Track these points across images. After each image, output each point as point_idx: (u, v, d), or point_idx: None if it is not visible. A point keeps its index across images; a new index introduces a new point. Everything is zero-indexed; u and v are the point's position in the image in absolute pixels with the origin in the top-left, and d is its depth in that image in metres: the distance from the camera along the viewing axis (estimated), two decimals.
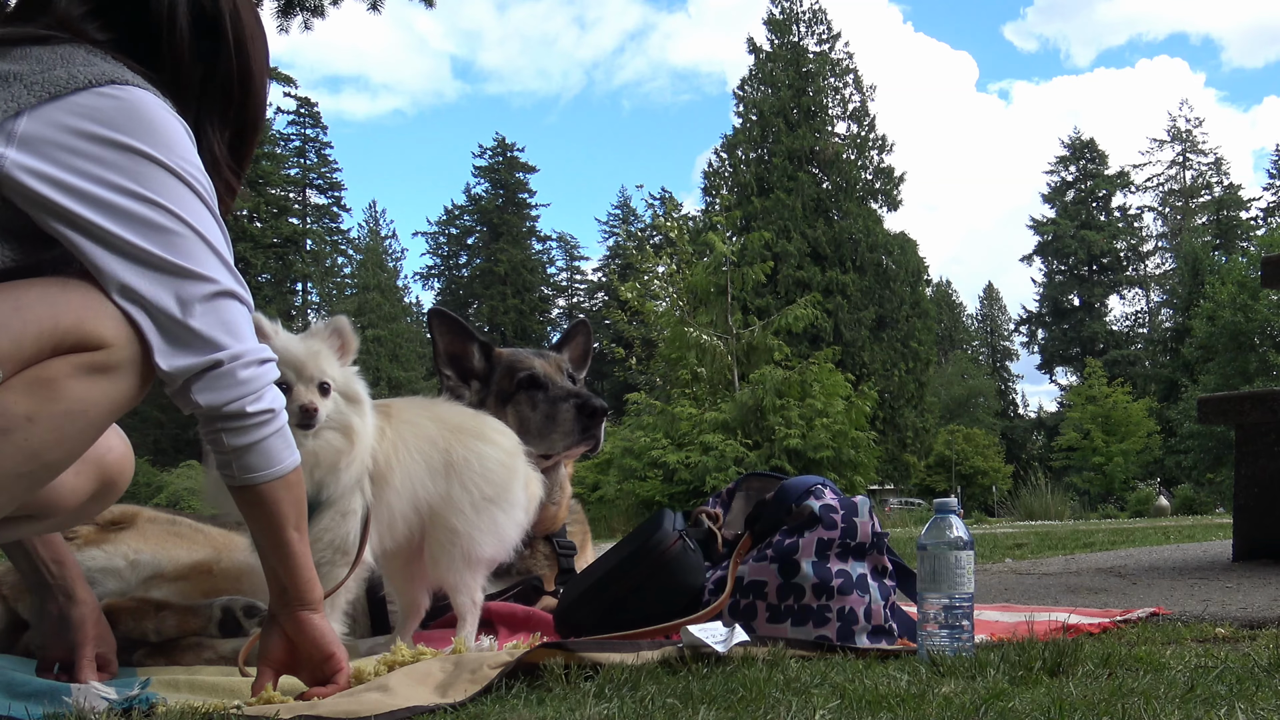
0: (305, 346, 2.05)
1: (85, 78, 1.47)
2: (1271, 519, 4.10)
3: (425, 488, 2.17)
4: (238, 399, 1.55)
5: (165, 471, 35.67)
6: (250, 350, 1.57)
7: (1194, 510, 24.94)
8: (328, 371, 2.05)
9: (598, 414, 2.85)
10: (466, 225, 63.03)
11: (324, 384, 2.04)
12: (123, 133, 1.47)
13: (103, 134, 1.46)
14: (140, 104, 1.50)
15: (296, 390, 2.00)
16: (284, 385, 1.99)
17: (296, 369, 2.01)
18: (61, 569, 1.93)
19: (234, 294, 1.56)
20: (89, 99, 1.46)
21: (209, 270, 1.53)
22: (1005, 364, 69.06)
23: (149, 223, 1.48)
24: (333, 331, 2.10)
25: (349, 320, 2.14)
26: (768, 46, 48.82)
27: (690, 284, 24.44)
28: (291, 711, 1.55)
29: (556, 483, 2.94)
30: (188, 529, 2.47)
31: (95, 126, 1.46)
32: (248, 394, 1.55)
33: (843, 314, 44.17)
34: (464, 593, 2.23)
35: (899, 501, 35.56)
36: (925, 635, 1.95)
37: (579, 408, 2.85)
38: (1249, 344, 35.99)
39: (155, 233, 1.48)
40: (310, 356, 2.03)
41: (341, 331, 2.11)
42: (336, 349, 2.10)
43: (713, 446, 20.06)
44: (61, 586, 1.91)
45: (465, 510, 2.21)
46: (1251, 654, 1.80)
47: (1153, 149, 62.52)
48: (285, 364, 1.99)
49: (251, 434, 1.57)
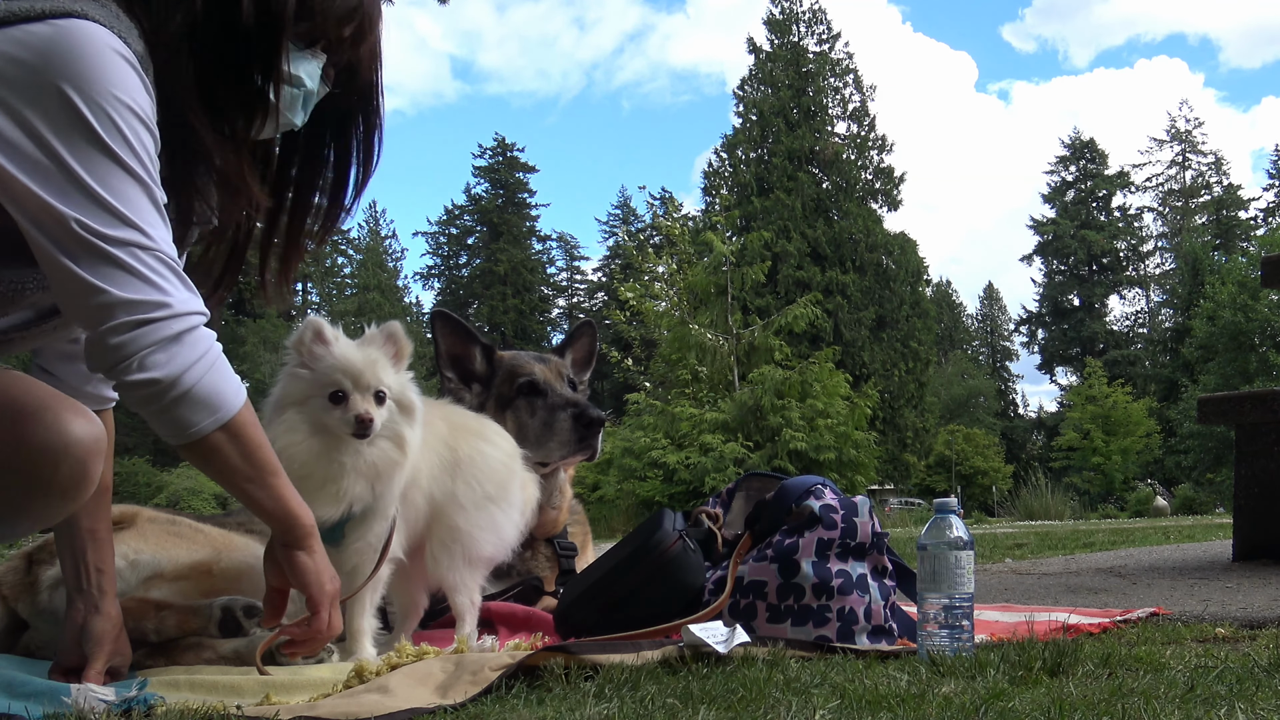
0: (363, 355, 2.04)
1: (39, 9, 1.47)
2: (1271, 519, 4.10)
3: (437, 484, 2.20)
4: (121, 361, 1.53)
5: (165, 471, 35.69)
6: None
7: (1194, 510, 24.93)
8: (384, 380, 2.05)
9: (595, 424, 2.85)
10: (466, 225, 63.03)
11: (379, 393, 2.04)
12: (43, 66, 1.46)
13: (27, 61, 1.46)
14: (70, 37, 1.48)
15: (352, 399, 2.01)
16: (340, 394, 2.02)
17: (353, 378, 2.02)
18: (100, 577, 1.92)
19: (112, 240, 1.51)
20: (31, 29, 1.47)
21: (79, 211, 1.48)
22: (1005, 364, 69.08)
23: (30, 158, 1.47)
24: (387, 337, 2.10)
25: (401, 326, 2.13)
26: (768, 46, 48.82)
27: (690, 284, 24.45)
28: (291, 712, 1.55)
29: (556, 487, 2.94)
30: (188, 529, 2.46)
31: (23, 53, 1.46)
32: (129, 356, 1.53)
33: (843, 314, 44.17)
34: (463, 592, 2.25)
35: (899, 501, 35.56)
36: (925, 635, 1.95)
37: (576, 417, 2.85)
38: (1249, 344, 35.97)
39: (33, 168, 1.47)
40: (367, 365, 2.03)
41: (395, 337, 2.10)
42: (391, 355, 2.09)
43: (713, 447, 20.07)
44: (90, 595, 1.90)
45: (468, 508, 2.23)
46: (1251, 654, 1.80)
47: (1152, 149, 62.62)
48: (342, 372, 2.02)
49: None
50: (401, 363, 2.11)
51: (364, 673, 1.78)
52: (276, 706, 1.59)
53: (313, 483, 2.01)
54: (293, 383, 2.05)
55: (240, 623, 2.19)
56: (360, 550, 2.08)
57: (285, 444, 2.00)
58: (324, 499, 2.01)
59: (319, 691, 1.71)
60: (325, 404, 2.02)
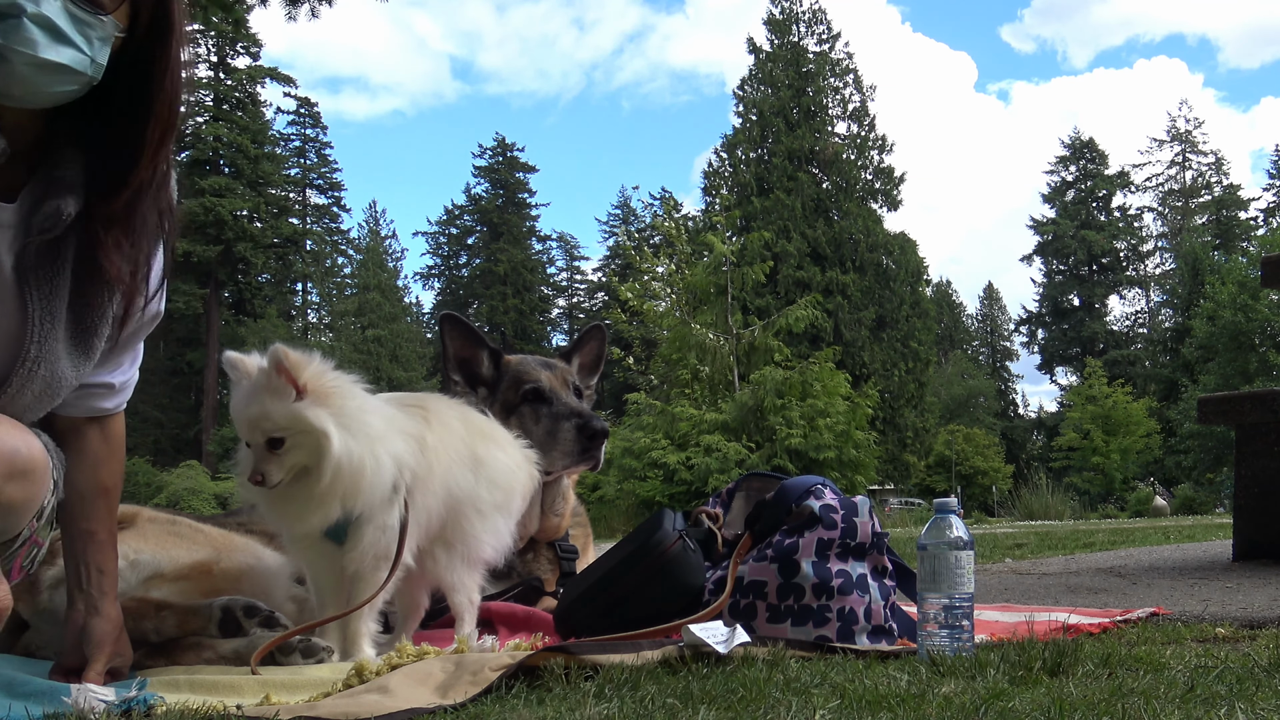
0: (247, 406, 1.94)
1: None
2: (1271, 519, 4.10)
3: (458, 484, 2.19)
4: None
5: (165, 471, 35.72)
6: None
7: (1194, 510, 24.93)
8: (276, 426, 1.93)
9: (599, 436, 2.85)
10: (466, 225, 63.02)
11: (273, 439, 1.95)
12: None
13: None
14: None
15: (245, 458, 1.99)
16: (247, 444, 2.00)
17: (245, 432, 1.98)
18: (100, 578, 1.92)
19: None
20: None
21: None
22: (1005, 364, 69.06)
23: None
24: (277, 369, 1.92)
25: (283, 347, 1.92)
26: (768, 46, 48.79)
27: (690, 284, 24.45)
28: (291, 712, 1.55)
29: (559, 494, 2.94)
30: (187, 529, 2.46)
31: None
32: None
33: (843, 314, 44.15)
34: (462, 592, 2.25)
35: (899, 501, 35.56)
36: (925, 635, 1.95)
37: (580, 428, 2.84)
38: (1249, 344, 35.98)
39: None
40: (251, 420, 1.94)
41: (283, 365, 1.92)
42: (283, 388, 1.94)
43: (714, 448, 20.07)
44: (90, 596, 1.90)
45: (484, 511, 2.24)
46: (1251, 654, 1.80)
47: (1152, 149, 62.63)
48: (239, 425, 1.99)
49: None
50: (298, 387, 1.94)
51: (364, 672, 1.78)
52: (276, 706, 1.59)
53: (275, 514, 2.07)
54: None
55: (240, 623, 2.19)
56: (357, 558, 2.07)
57: (238, 484, 2.05)
58: (296, 525, 2.05)
59: (319, 691, 1.71)
60: (245, 450, 2.01)
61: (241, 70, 48.86)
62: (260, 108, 50.45)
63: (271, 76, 50.63)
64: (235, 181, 47.61)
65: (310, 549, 2.13)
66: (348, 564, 2.08)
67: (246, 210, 47.97)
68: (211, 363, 46.00)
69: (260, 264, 49.51)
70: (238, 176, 48.08)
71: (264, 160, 49.40)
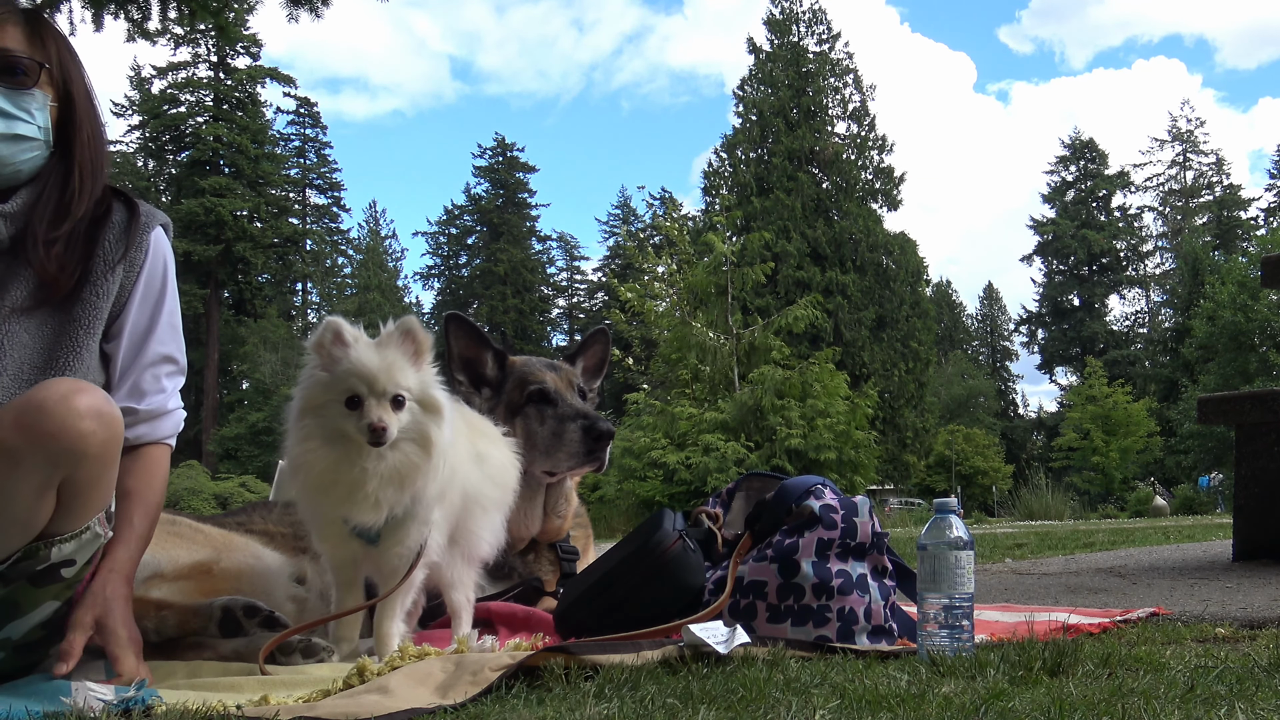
0: (379, 358, 1.97)
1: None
2: (1271, 519, 4.10)
3: (467, 483, 2.20)
4: None
5: None
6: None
7: (1194, 510, 24.93)
8: (402, 383, 1.98)
9: (604, 437, 2.84)
10: (466, 225, 63.01)
11: (398, 397, 1.97)
12: None
13: None
14: None
15: (367, 406, 1.95)
16: (355, 399, 1.96)
17: (369, 383, 1.95)
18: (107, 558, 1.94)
19: None
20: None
21: None
22: (1005, 364, 69.06)
23: None
24: (404, 334, 2.02)
25: (417, 320, 2.04)
26: (767, 46, 48.78)
27: (690, 284, 24.45)
28: (291, 712, 1.55)
29: (562, 495, 2.94)
30: (187, 529, 2.46)
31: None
32: None
33: (843, 314, 44.14)
34: (461, 590, 2.26)
35: (899, 501, 35.56)
36: (925, 635, 1.95)
37: (586, 429, 2.84)
38: (1249, 344, 35.96)
39: None
40: (383, 369, 1.96)
41: (413, 334, 2.02)
42: (410, 354, 2.01)
43: (713, 447, 20.07)
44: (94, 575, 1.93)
45: (487, 508, 2.25)
46: (1251, 654, 1.80)
47: (1153, 149, 62.62)
48: (357, 377, 1.95)
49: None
50: (422, 360, 2.04)
51: (365, 672, 1.78)
52: (276, 706, 1.59)
53: (339, 490, 1.98)
54: (312, 388, 2.01)
55: (240, 623, 2.19)
56: (400, 554, 2.06)
57: (300, 452, 1.97)
58: (358, 507, 1.98)
59: (319, 691, 1.71)
60: (342, 410, 1.97)
61: (241, 70, 48.85)
62: (260, 108, 50.45)
63: (271, 76, 50.63)
64: (235, 181, 47.62)
65: (341, 546, 2.10)
66: (387, 560, 2.07)
67: (246, 210, 47.96)
68: (211, 363, 46.00)
69: (260, 264, 49.51)
70: (238, 176, 48.07)
71: (264, 160, 49.40)
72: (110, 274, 2.03)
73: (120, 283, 2.05)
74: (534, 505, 2.86)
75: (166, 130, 49.70)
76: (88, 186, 2.03)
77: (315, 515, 2.11)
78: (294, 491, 2.10)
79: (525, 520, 2.83)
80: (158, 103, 49.20)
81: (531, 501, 2.84)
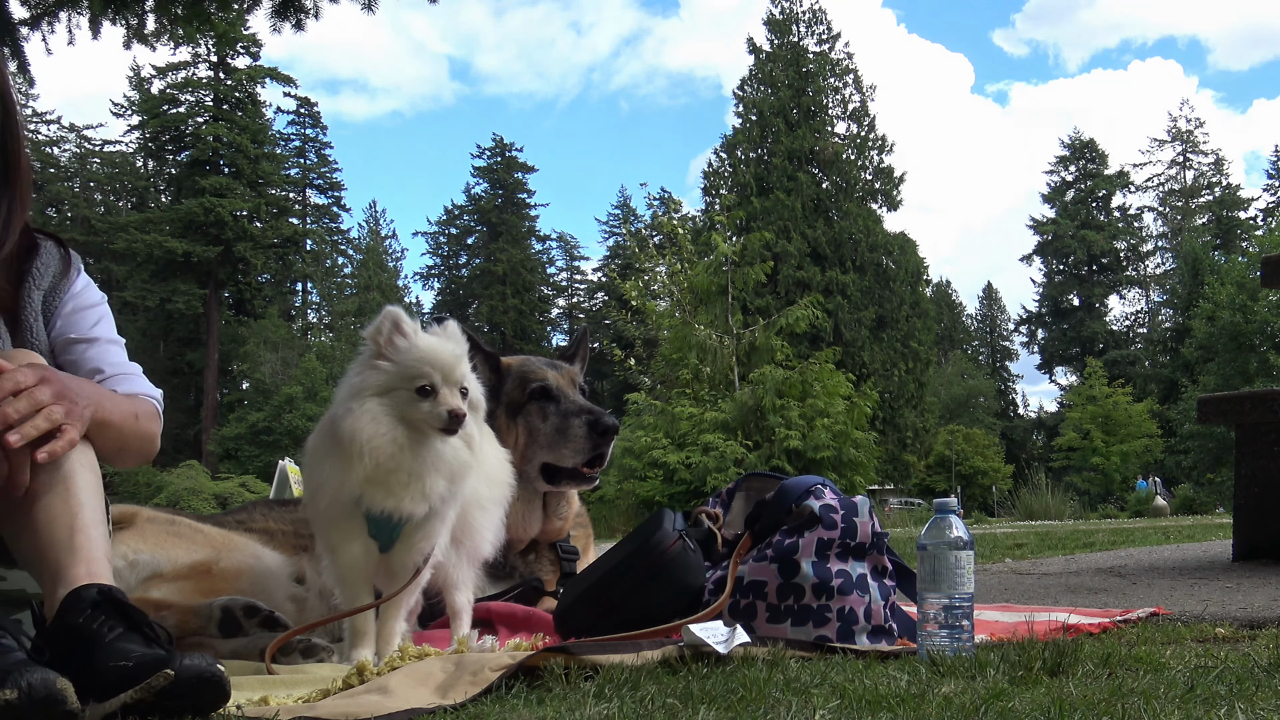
0: (449, 350, 2.01)
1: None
2: (1271, 519, 4.10)
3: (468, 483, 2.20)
4: None
5: (165, 471, 35.68)
6: None
7: (1194, 510, 24.93)
8: (467, 377, 2.02)
9: (609, 432, 2.84)
10: (466, 225, 63.02)
11: (464, 389, 2.01)
12: None
13: None
14: None
15: (443, 394, 1.96)
16: (428, 388, 1.96)
17: (443, 372, 1.97)
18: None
19: None
20: None
21: None
22: (1005, 364, 69.09)
23: None
24: (451, 335, 2.06)
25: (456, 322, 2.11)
26: (767, 47, 48.80)
27: (691, 284, 24.44)
28: (290, 712, 1.55)
29: (563, 497, 2.94)
30: (187, 529, 2.46)
31: None
32: None
33: (843, 314, 44.15)
34: (463, 590, 2.26)
35: (899, 501, 35.58)
36: (925, 635, 1.95)
37: (591, 425, 2.84)
38: (1249, 344, 35.96)
39: None
40: (455, 361, 2.00)
41: (457, 335, 2.07)
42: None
43: (713, 447, 20.06)
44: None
45: (487, 507, 2.25)
46: (1251, 654, 1.80)
47: (1153, 149, 62.60)
48: (431, 365, 1.97)
49: None
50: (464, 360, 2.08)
51: (364, 672, 1.78)
52: (276, 706, 1.59)
53: (400, 477, 1.97)
54: (372, 373, 2.00)
55: (240, 623, 2.19)
56: (421, 550, 2.06)
57: (372, 433, 1.95)
58: (411, 495, 1.98)
59: (319, 690, 1.71)
60: (411, 397, 1.97)
61: (241, 70, 48.86)
62: (260, 108, 50.47)
63: (271, 77, 50.64)
64: (235, 181, 47.62)
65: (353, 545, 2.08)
66: (402, 560, 2.07)
67: (246, 210, 47.97)
68: (211, 363, 46.03)
69: (260, 264, 49.51)
70: (238, 176, 48.08)
71: (264, 160, 49.41)
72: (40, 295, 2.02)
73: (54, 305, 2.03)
74: (534, 506, 2.86)
75: (166, 130, 49.75)
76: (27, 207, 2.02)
77: (339, 509, 2.05)
78: (331, 479, 2.03)
79: (526, 521, 2.83)
80: (157, 103, 49.24)
81: (532, 503, 2.84)
